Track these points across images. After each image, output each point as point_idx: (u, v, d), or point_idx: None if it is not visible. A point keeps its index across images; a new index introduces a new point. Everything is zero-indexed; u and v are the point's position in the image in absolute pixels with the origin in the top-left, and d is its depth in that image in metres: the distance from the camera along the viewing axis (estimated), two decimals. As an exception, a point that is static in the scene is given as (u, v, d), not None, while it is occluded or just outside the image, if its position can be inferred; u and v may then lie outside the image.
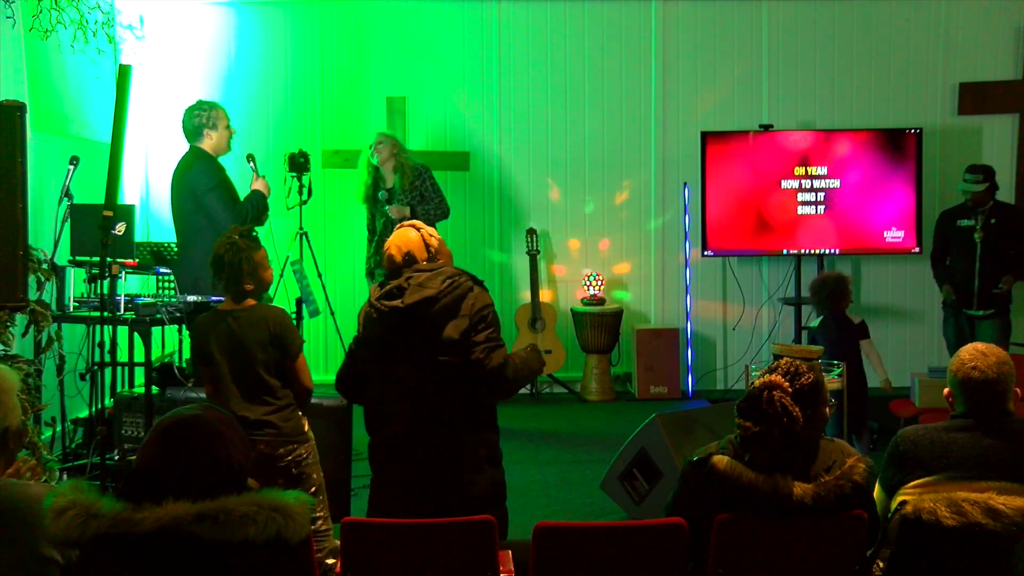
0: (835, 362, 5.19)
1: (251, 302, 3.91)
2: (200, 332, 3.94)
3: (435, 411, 3.48)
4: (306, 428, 3.94)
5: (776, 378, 2.93)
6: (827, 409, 3.03)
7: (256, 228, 5.88)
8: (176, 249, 5.75)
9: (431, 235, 3.69)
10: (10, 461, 2.65)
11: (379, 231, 6.63)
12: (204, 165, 5.58)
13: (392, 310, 3.49)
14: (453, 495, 3.44)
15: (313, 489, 3.87)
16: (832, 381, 5.73)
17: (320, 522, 3.85)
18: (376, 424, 3.62)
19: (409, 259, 3.60)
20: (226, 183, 5.65)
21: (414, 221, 3.75)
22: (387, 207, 6.54)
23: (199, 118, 5.62)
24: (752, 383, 2.99)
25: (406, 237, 3.66)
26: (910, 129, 7.17)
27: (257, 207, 5.66)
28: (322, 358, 7.60)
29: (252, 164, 5.91)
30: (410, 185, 6.52)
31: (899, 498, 3.03)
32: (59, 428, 5.37)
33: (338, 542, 3.01)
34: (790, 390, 2.90)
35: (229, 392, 3.83)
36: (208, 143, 5.62)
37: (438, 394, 3.48)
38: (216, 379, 3.88)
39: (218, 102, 5.80)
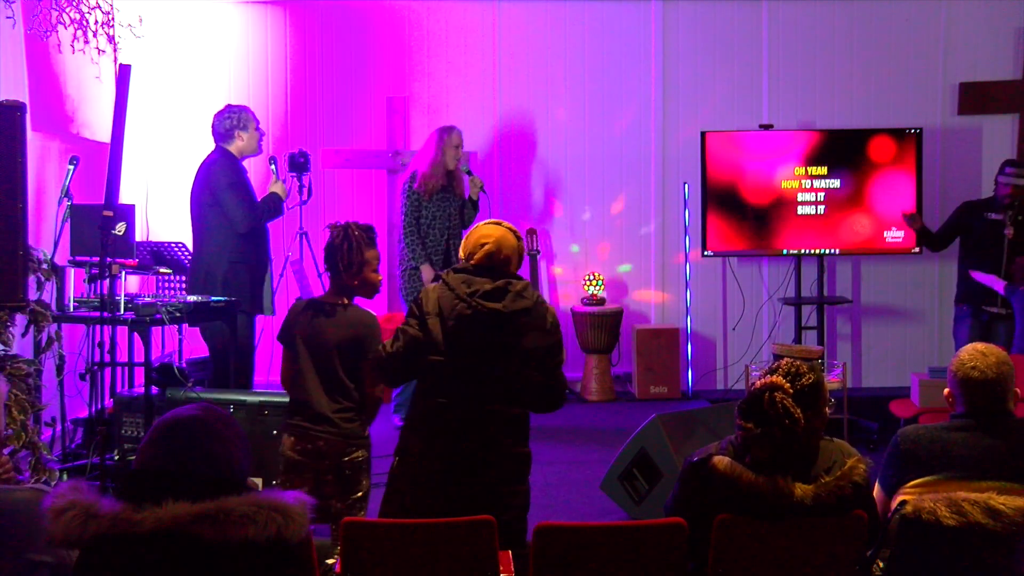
0: (836, 362, 5.19)
1: (346, 299, 3.86)
2: (290, 317, 3.93)
3: (495, 418, 3.43)
4: (366, 434, 3.91)
5: (777, 379, 2.93)
6: (827, 409, 3.03)
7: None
8: (191, 247, 5.85)
9: (524, 248, 3.61)
10: None
11: (428, 226, 6.49)
12: (226, 163, 5.77)
13: (492, 312, 3.39)
14: (494, 503, 3.37)
15: (360, 495, 3.85)
16: (832, 381, 5.75)
17: None
18: (427, 418, 3.49)
19: (505, 261, 3.49)
20: (244, 183, 5.80)
21: (511, 224, 3.61)
22: (472, 175, 6.52)
23: (231, 120, 5.80)
24: (753, 384, 2.98)
25: (508, 239, 3.52)
26: (910, 129, 7.17)
27: (271, 210, 5.85)
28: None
29: (273, 167, 6.10)
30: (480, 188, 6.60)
31: (899, 498, 3.03)
32: (59, 428, 5.37)
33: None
34: (791, 391, 2.90)
35: (308, 381, 3.82)
36: (238, 144, 5.81)
37: (504, 402, 3.43)
38: (295, 364, 3.86)
39: (246, 105, 5.99)
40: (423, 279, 6.41)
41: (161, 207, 7.27)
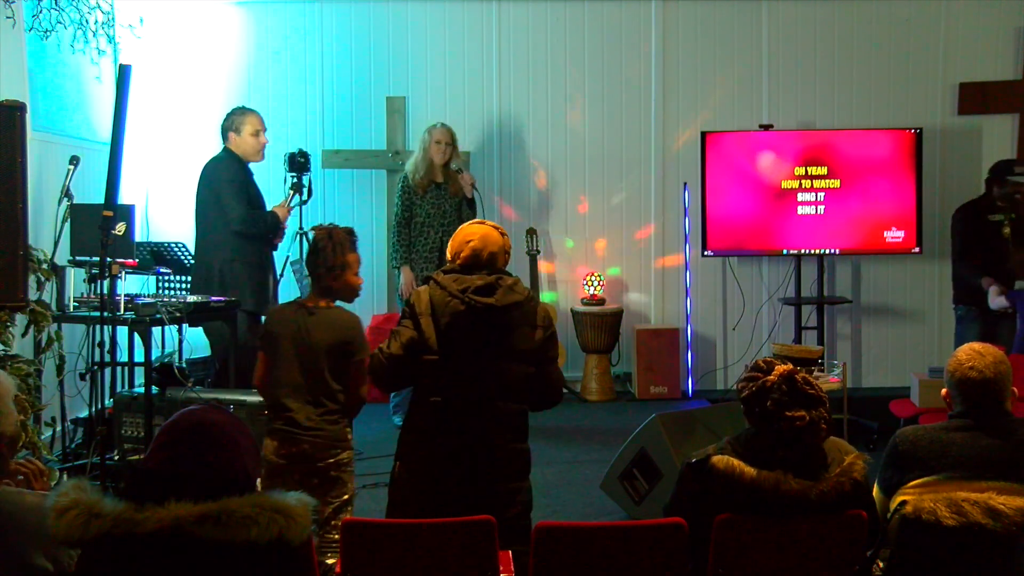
0: (836, 362, 5.19)
1: (326, 302, 3.86)
2: (274, 318, 3.93)
3: (494, 414, 3.44)
4: (349, 436, 3.89)
5: (783, 367, 2.94)
6: None
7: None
8: (193, 250, 5.93)
9: (510, 245, 3.64)
10: (3, 467, 2.63)
11: (423, 223, 6.53)
12: (229, 163, 5.91)
13: (486, 307, 3.41)
14: (499, 500, 3.39)
15: (346, 497, 3.83)
16: (832, 380, 5.75)
17: None
18: (427, 418, 3.49)
19: (490, 260, 3.52)
20: (245, 184, 5.89)
21: (496, 224, 3.66)
22: (460, 172, 6.55)
23: (228, 121, 5.96)
24: (762, 383, 2.94)
25: (492, 237, 3.56)
26: (910, 129, 7.17)
27: (265, 225, 5.89)
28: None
29: (291, 191, 6.15)
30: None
31: (899, 498, 3.03)
32: (59, 428, 5.37)
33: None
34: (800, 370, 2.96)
35: (288, 384, 3.80)
36: (232, 145, 5.92)
37: (502, 398, 3.45)
38: (275, 367, 3.84)
39: (253, 109, 6.06)
40: (402, 281, 6.46)
41: (161, 207, 7.28)
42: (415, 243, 6.53)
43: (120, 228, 5.01)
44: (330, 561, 3.70)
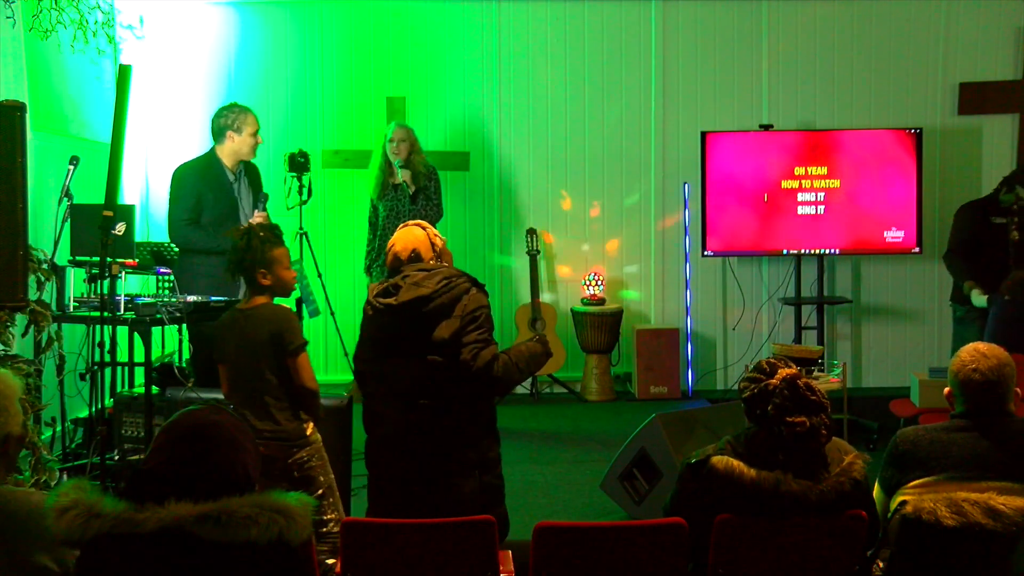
0: (836, 361, 5.19)
1: (262, 300, 3.87)
2: (218, 331, 3.96)
3: (423, 412, 3.46)
4: (309, 432, 3.86)
5: (787, 370, 2.93)
6: None
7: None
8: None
9: (436, 235, 3.69)
10: (10, 467, 2.64)
11: (382, 226, 6.61)
12: (186, 171, 5.86)
13: (386, 307, 3.49)
14: (438, 498, 3.42)
15: (320, 492, 3.81)
16: (832, 380, 5.75)
17: (332, 524, 3.78)
18: (369, 423, 3.62)
19: (414, 257, 3.59)
20: (189, 196, 5.78)
21: (419, 220, 3.75)
22: (400, 169, 6.55)
23: (226, 119, 5.82)
24: (764, 385, 2.93)
25: (412, 235, 3.64)
26: (910, 129, 7.17)
27: (194, 245, 5.71)
28: (322, 358, 7.60)
29: (261, 203, 5.98)
30: (422, 183, 6.62)
31: (899, 498, 3.03)
32: (59, 428, 5.36)
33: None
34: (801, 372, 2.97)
35: (244, 389, 3.83)
36: (229, 146, 5.81)
37: (426, 395, 3.45)
38: (230, 378, 3.89)
39: (250, 108, 5.94)
40: None
41: (161, 207, 7.27)
42: (382, 246, 6.56)
43: (120, 228, 5.00)
44: (330, 561, 3.70)
